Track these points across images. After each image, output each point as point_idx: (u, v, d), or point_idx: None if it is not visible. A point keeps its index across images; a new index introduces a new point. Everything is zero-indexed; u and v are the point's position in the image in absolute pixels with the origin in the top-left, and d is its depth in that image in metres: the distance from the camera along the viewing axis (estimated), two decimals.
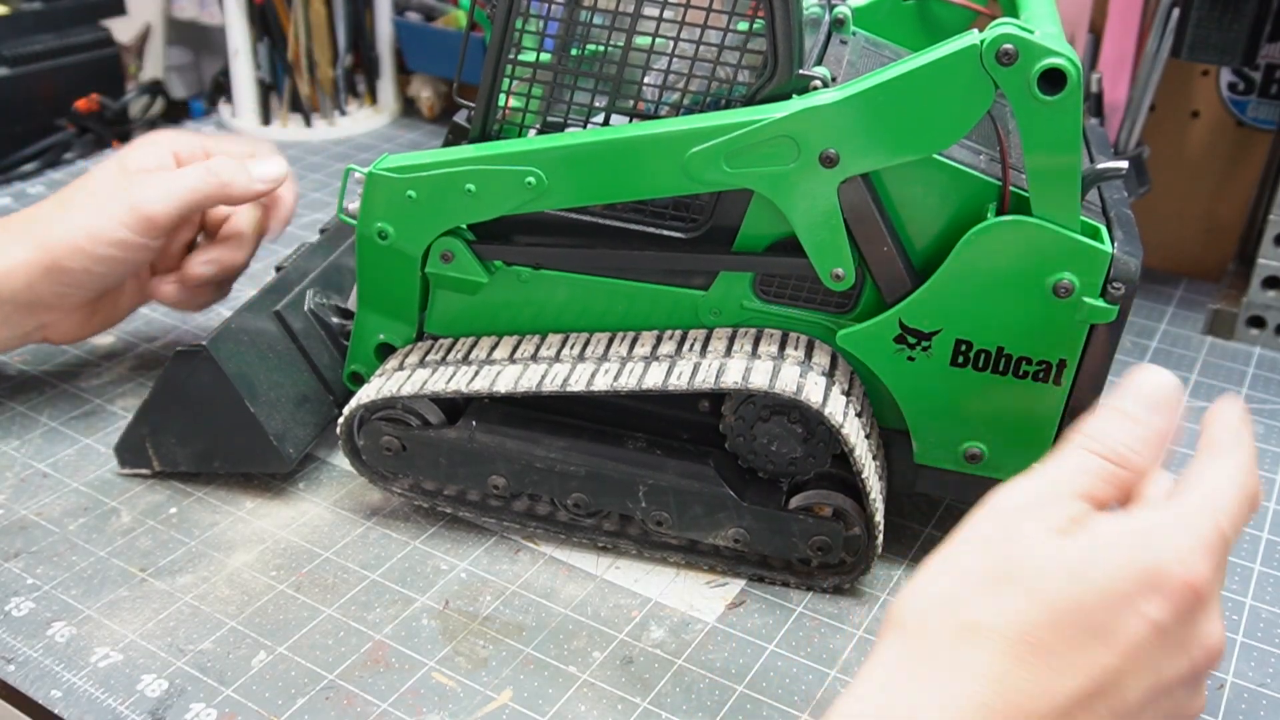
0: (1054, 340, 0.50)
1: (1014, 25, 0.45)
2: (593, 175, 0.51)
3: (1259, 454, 0.66)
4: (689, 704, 0.49)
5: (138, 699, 0.48)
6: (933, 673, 0.35)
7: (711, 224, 0.52)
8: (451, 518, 0.59)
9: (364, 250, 0.55)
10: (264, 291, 0.62)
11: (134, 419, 0.60)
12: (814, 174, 0.49)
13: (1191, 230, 0.87)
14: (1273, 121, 0.81)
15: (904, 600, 0.37)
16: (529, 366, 0.54)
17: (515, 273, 0.55)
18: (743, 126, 0.49)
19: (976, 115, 0.47)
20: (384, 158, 0.53)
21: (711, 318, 0.54)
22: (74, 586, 0.54)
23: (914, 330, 0.51)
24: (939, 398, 0.52)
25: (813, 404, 0.50)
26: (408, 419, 0.57)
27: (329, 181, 0.98)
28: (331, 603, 0.54)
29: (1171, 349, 0.77)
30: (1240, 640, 0.53)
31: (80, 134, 1.13)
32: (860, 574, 0.54)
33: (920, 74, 0.46)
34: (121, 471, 0.61)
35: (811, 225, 0.50)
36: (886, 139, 0.48)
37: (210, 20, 1.25)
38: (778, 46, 0.49)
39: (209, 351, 0.57)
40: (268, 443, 0.58)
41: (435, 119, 1.13)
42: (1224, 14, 0.71)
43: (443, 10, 1.07)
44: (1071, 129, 0.46)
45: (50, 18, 1.13)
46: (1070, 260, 0.48)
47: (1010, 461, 0.53)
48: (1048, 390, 0.51)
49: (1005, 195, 0.49)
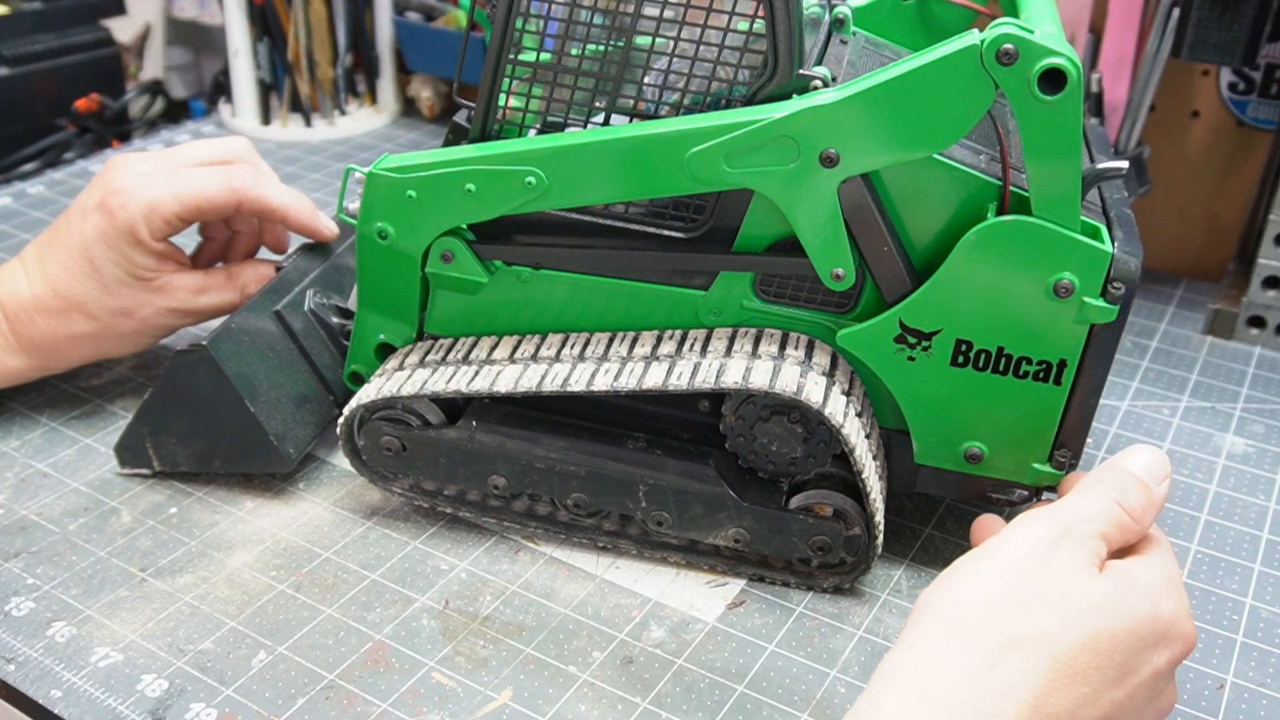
0: (1054, 340, 0.50)
1: (1014, 25, 0.45)
2: (593, 175, 0.51)
3: (1259, 454, 0.66)
4: (689, 704, 0.49)
5: (138, 699, 0.48)
6: (982, 676, 0.37)
7: (712, 224, 0.52)
8: (452, 518, 0.59)
9: (364, 250, 0.55)
10: (264, 291, 0.62)
11: (134, 419, 0.60)
12: (814, 174, 0.49)
13: (1191, 230, 0.87)
14: (1273, 121, 0.81)
15: (945, 594, 0.39)
16: (529, 366, 0.54)
17: (515, 272, 0.55)
18: (743, 126, 0.48)
19: (977, 115, 0.47)
20: (384, 157, 0.53)
21: (711, 318, 0.54)
22: (74, 586, 0.54)
23: (914, 330, 0.51)
24: (939, 398, 0.52)
25: (813, 404, 0.50)
26: (408, 419, 0.57)
27: (329, 181, 0.98)
28: (331, 603, 0.54)
29: (1171, 349, 0.77)
30: (1240, 640, 0.53)
31: (80, 134, 1.13)
32: (860, 574, 0.54)
33: (921, 74, 0.46)
34: (121, 471, 0.61)
35: (812, 225, 0.50)
36: (887, 139, 0.48)
37: (210, 20, 1.25)
38: (778, 46, 0.49)
39: (209, 352, 0.57)
40: (268, 443, 0.58)
41: (435, 119, 1.13)
42: (1224, 14, 0.71)
43: (443, 10, 1.07)
44: (1072, 129, 0.46)
45: (50, 18, 1.14)
46: (1070, 260, 0.48)
47: (1009, 461, 0.53)
48: (1048, 390, 0.51)
49: (1005, 195, 0.49)
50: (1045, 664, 0.37)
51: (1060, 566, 0.39)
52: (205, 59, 1.33)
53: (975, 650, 0.37)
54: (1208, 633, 0.53)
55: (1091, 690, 0.37)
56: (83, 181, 0.98)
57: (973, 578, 0.40)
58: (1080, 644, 0.37)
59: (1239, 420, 0.69)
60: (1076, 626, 0.38)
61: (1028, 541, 0.40)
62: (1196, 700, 0.50)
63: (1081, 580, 0.39)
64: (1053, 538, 0.40)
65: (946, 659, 0.37)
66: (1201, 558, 0.58)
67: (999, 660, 0.37)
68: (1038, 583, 0.39)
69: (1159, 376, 0.74)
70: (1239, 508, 0.62)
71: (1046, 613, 0.38)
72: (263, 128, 1.08)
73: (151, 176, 0.61)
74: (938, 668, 0.37)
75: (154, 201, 0.60)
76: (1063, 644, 0.37)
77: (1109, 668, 0.38)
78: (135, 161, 0.63)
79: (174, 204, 0.60)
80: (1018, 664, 0.37)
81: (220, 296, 0.64)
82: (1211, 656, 0.52)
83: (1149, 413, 0.70)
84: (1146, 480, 0.44)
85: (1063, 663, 0.37)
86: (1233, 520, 0.61)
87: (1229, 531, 0.60)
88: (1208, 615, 0.54)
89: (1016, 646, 0.37)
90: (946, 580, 0.40)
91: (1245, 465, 0.65)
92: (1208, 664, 0.52)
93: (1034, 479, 0.53)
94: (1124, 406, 0.70)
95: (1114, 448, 0.66)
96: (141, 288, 0.62)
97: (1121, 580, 0.40)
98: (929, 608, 0.39)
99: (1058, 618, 0.38)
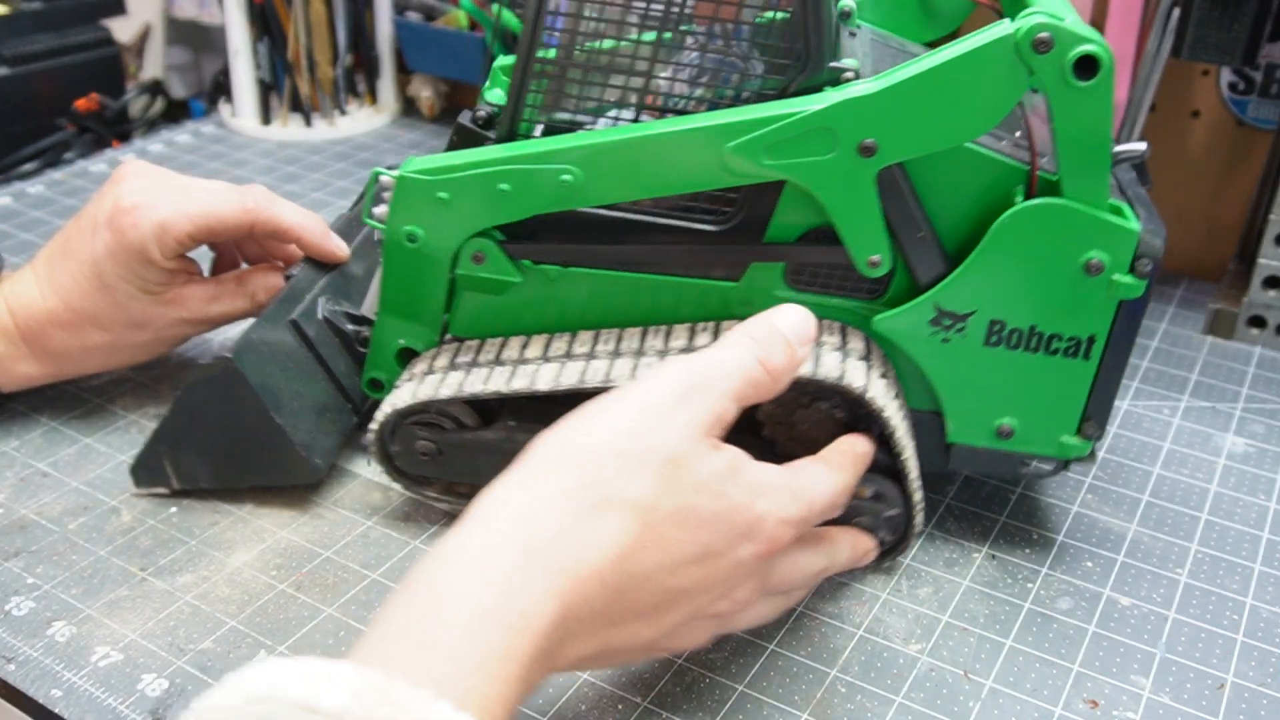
0: (1084, 317, 0.51)
1: (1046, 14, 0.46)
2: (630, 171, 0.51)
3: (1260, 454, 0.66)
4: (689, 703, 0.49)
5: (138, 698, 0.48)
6: (575, 524, 0.39)
7: (742, 216, 0.53)
8: (453, 518, 0.59)
9: (391, 254, 0.55)
10: (278, 301, 0.61)
11: (152, 437, 0.58)
12: (853, 164, 0.50)
13: (1191, 230, 0.87)
14: (1273, 121, 0.81)
15: (561, 440, 0.42)
16: (566, 364, 0.54)
17: (543, 272, 0.55)
18: (782, 119, 0.49)
19: (1011, 102, 0.48)
20: (410, 160, 0.53)
21: (742, 308, 0.54)
22: (74, 586, 0.54)
23: (950, 313, 0.52)
24: (973, 377, 0.53)
25: (856, 388, 0.50)
26: (441, 422, 0.56)
27: (329, 181, 0.98)
28: (332, 602, 0.54)
29: (1172, 349, 0.77)
30: (1240, 640, 0.53)
31: (80, 134, 1.13)
32: (900, 552, 0.55)
33: (957, 64, 0.47)
34: (138, 491, 0.60)
35: (849, 214, 0.51)
36: (924, 128, 0.49)
37: (210, 20, 1.25)
38: (809, 39, 0.50)
39: (234, 363, 0.55)
40: (295, 454, 0.57)
41: (435, 119, 1.13)
42: (1224, 14, 0.71)
43: (443, 10, 1.07)
44: (1103, 112, 0.47)
45: (50, 18, 1.14)
46: (1100, 239, 0.50)
47: (1039, 435, 0.55)
48: (1077, 365, 0.52)
49: (1033, 179, 0.51)
50: (635, 527, 0.39)
51: (676, 430, 0.41)
52: (205, 59, 1.33)
53: (574, 500, 0.39)
54: (1208, 633, 0.53)
55: (671, 560, 0.40)
56: (83, 181, 0.98)
57: (594, 423, 0.42)
58: (671, 514, 0.40)
59: (1239, 420, 0.69)
60: (672, 499, 0.40)
61: (655, 392, 0.42)
62: (1196, 700, 0.50)
63: (691, 453, 0.41)
64: (681, 391, 0.42)
65: (545, 503, 0.39)
66: (1201, 558, 0.58)
67: (593, 514, 0.39)
68: (648, 444, 0.41)
69: (1159, 376, 0.74)
70: (1239, 508, 0.62)
71: (647, 480, 0.40)
72: (263, 128, 1.08)
73: (163, 194, 0.61)
74: (534, 510, 0.39)
75: (165, 221, 0.60)
76: (656, 512, 0.40)
77: (692, 544, 0.41)
78: (146, 174, 0.62)
79: (186, 224, 0.60)
80: (610, 521, 0.39)
81: (231, 304, 0.64)
82: (1211, 656, 0.52)
83: (1149, 413, 0.70)
84: (792, 340, 0.46)
85: (651, 528, 0.40)
86: (1233, 520, 0.61)
87: (1229, 531, 0.60)
88: (1208, 615, 0.54)
89: (612, 504, 0.39)
90: (566, 426, 0.42)
91: (1245, 465, 0.65)
92: (1208, 664, 0.52)
93: (1062, 451, 0.55)
94: (1124, 406, 0.70)
95: (1114, 448, 0.66)
96: (153, 301, 0.62)
97: (727, 467, 0.42)
98: (542, 452, 0.42)
99: (657, 488, 0.40)
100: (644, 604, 0.40)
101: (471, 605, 0.37)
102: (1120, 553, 0.58)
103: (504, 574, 0.37)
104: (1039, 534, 0.59)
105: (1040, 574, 0.57)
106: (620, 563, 0.39)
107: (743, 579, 0.43)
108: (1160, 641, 0.53)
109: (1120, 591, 0.56)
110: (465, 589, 0.37)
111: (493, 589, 0.37)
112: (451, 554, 0.39)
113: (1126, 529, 0.60)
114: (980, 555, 0.58)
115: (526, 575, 0.38)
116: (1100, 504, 0.62)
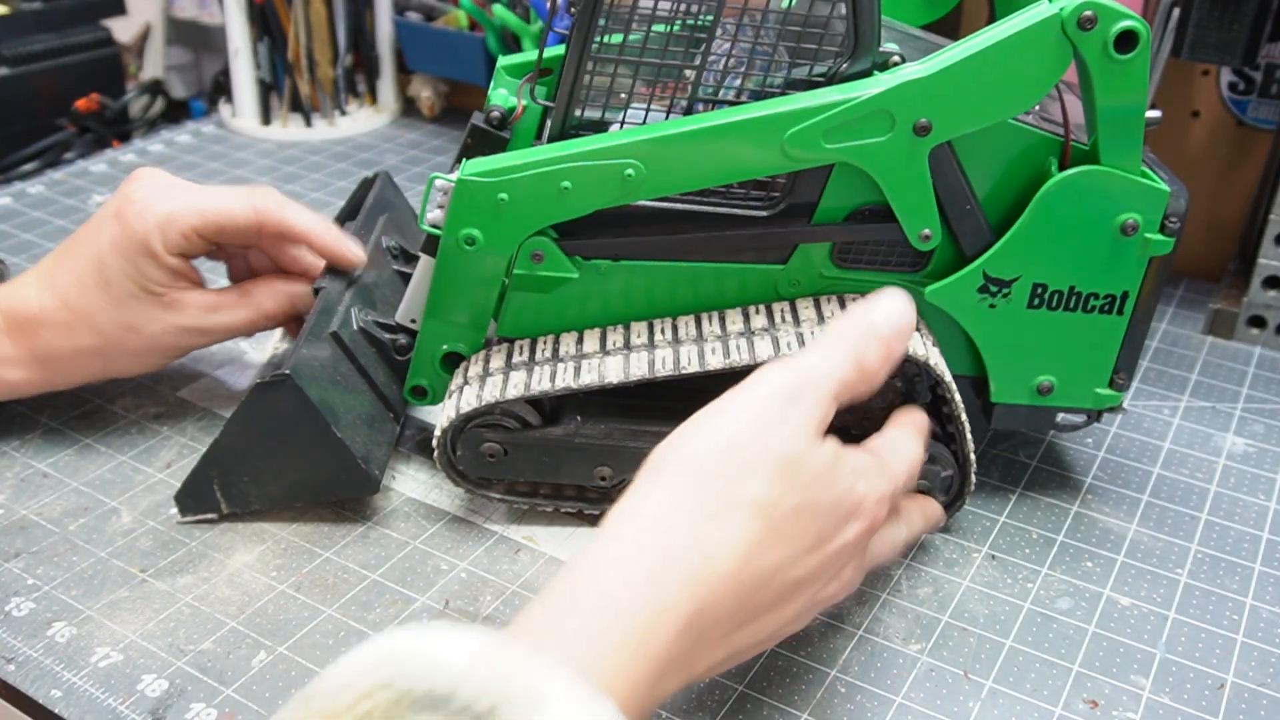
0: (1120, 275, 0.55)
1: None
2: (691, 162, 0.52)
3: (1260, 454, 0.66)
4: (689, 703, 0.49)
5: (138, 699, 0.48)
6: (704, 528, 0.40)
7: (790, 199, 0.54)
8: (453, 518, 0.59)
9: (446, 259, 0.55)
10: (315, 314, 0.59)
11: (200, 463, 0.57)
12: (909, 143, 0.52)
13: (1192, 230, 0.87)
14: (1273, 121, 0.81)
15: (677, 450, 0.43)
16: (629, 355, 0.55)
17: (594, 266, 0.55)
18: (841, 104, 0.51)
19: (1055, 78, 0.51)
20: (465, 164, 0.53)
21: (791, 289, 0.56)
22: (74, 587, 0.54)
23: (996, 279, 0.55)
24: (1016, 338, 0.56)
25: (918, 356, 0.52)
26: (505, 423, 0.56)
27: (329, 181, 0.98)
28: (332, 603, 0.54)
29: (1172, 349, 0.77)
30: (1240, 640, 0.53)
31: (80, 134, 1.13)
32: (957, 510, 0.57)
33: (1007, 44, 0.50)
34: (183, 520, 0.59)
35: (904, 191, 0.53)
36: (976, 106, 0.51)
37: (210, 20, 1.25)
38: (859, 25, 0.52)
39: (293, 380, 0.54)
40: (356, 467, 0.56)
41: (435, 119, 1.13)
42: (1224, 14, 0.71)
43: (443, 10, 1.07)
44: (1141, 83, 0.51)
45: (50, 18, 1.14)
46: (1135, 201, 0.53)
47: (1076, 389, 0.58)
48: (1111, 320, 0.56)
49: (1067, 148, 0.54)
50: (760, 525, 0.41)
51: (786, 431, 0.42)
52: (205, 59, 1.33)
53: (700, 505, 0.41)
54: (1208, 633, 0.53)
55: (793, 553, 0.42)
56: (83, 182, 0.98)
57: (707, 432, 0.43)
58: (792, 511, 0.42)
59: (1239, 420, 0.69)
60: (792, 495, 0.42)
61: (761, 399, 0.44)
62: (1196, 700, 0.50)
63: (803, 450, 0.42)
64: (786, 396, 0.44)
65: (674, 509, 0.41)
66: (1201, 558, 0.58)
67: (719, 516, 0.41)
68: (764, 445, 0.42)
69: (1159, 376, 0.74)
70: (1239, 508, 0.62)
71: (766, 478, 0.41)
72: (263, 128, 1.08)
73: (173, 189, 0.61)
74: (664, 517, 0.41)
75: (172, 213, 0.59)
76: (777, 509, 0.41)
77: (809, 534, 0.42)
78: (158, 178, 0.62)
79: (193, 217, 0.60)
80: (736, 521, 0.41)
81: (234, 315, 0.63)
82: (1211, 656, 0.52)
83: (1149, 412, 0.70)
84: (887, 334, 0.47)
85: (775, 525, 0.41)
86: (1233, 520, 0.61)
87: (1229, 531, 0.60)
88: (1208, 615, 0.54)
89: (737, 506, 0.41)
90: (682, 435, 0.43)
91: (1245, 465, 0.65)
92: (1208, 664, 0.52)
93: (1096, 402, 0.58)
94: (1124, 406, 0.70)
95: (1113, 448, 0.66)
96: (152, 302, 0.61)
97: (834, 458, 0.44)
98: (662, 462, 0.43)
99: (776, 486, 0.41)
100: (769, 600, 0.42)
101: (608, 603, 0.38)
102: (1120, 553, 0.58)
103: (644, 577, 0.39)
104: (1039, 534, 0.59)
105: (1040, 574, 0.57)
106: (747, 562, 0.41)
107: (849, 559, 0.45)
108: (1160, 641, 0.53)
109: (1120, 591, 0.56)
110: (603, 588, 0.39)
111: (630, 589, 0.39)
112: (586, 563, 0.40)
113: (1126, 529, 0.60)
114: (980, 555, 0.58)
115: (663, 579, 0.39)
116: (1100, 504, 0.62)
